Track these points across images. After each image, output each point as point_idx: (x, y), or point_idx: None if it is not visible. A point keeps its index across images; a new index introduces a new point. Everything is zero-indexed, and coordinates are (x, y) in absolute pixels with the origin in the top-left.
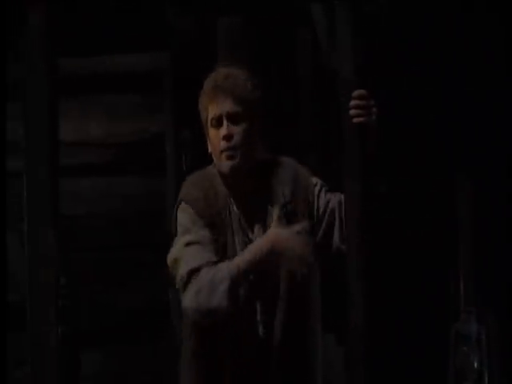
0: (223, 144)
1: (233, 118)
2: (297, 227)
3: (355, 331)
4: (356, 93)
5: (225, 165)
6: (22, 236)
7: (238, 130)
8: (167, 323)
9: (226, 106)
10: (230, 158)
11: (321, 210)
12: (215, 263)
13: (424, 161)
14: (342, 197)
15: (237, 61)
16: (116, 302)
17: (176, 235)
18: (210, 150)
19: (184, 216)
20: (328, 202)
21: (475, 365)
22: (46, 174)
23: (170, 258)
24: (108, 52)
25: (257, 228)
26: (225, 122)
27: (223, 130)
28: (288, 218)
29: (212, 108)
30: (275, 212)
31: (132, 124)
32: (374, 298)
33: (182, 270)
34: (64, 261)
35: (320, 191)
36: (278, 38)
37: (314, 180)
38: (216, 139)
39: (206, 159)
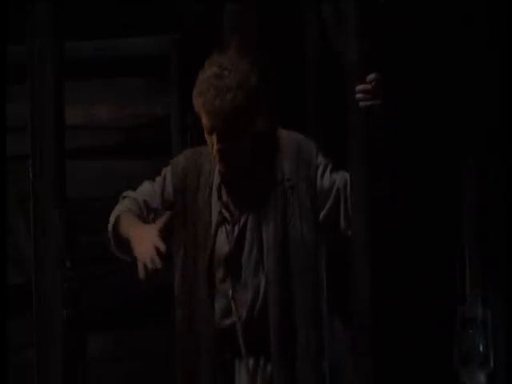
0: (215, 154)
1: (223, 132)
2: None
3: (361, 316)
4: (365, 78)
5: (219, 165)
6: (27, 218)
7: (229, 142)
8: (174, 307)
9: (216, 123)
10: (222, 161)
11: (325, 190)
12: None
13: (430, 144)
14: (348, 176)
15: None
16: (122, 285)
17: None
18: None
19: (165, 173)
20: (333, 183)
21: (481, 348)
22: (52, 156)
23: None
24: (114, 36)
25: (240, 202)
26: (216, 135)
27: (215, 143)
28: (286, 197)
29: (203, 119)
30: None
31: (138, 107)
32: (379, 281)
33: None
34: (69, 243)
35: (324, 172)
36: (285, 22)
37: (319, 159)
38: (209, 141)
39: None
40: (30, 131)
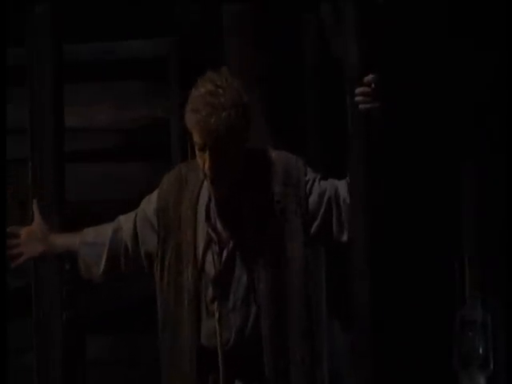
0: (207, 171)
1: (216, 150)
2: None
3: (361, 320)
4: (363, 79)
5: (211, 187)
6: (27, 222)
7: (221, 160)
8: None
9: (208, 140)
10: (213, 183)
11: (315, 202)
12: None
13: (429, 145)
14: (339, 184)
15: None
16: (122, 288)
17: None
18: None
19: (152, 195)
20: (324, 192)
21: (480, 350)
22: (51, 160)
23: None
24: (112, 38)
25: (228, 225)
26: (208, 153)
27: (207, 161)
28: (276, 219)
29: (195, 136)
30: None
31: (137, 110)
32: (379, 284)
33: None
34: None
35: (313, 185)
36: (284, 21)
37: (307, 176)
38: (200, 159)
39: None
40: (29, 134)
